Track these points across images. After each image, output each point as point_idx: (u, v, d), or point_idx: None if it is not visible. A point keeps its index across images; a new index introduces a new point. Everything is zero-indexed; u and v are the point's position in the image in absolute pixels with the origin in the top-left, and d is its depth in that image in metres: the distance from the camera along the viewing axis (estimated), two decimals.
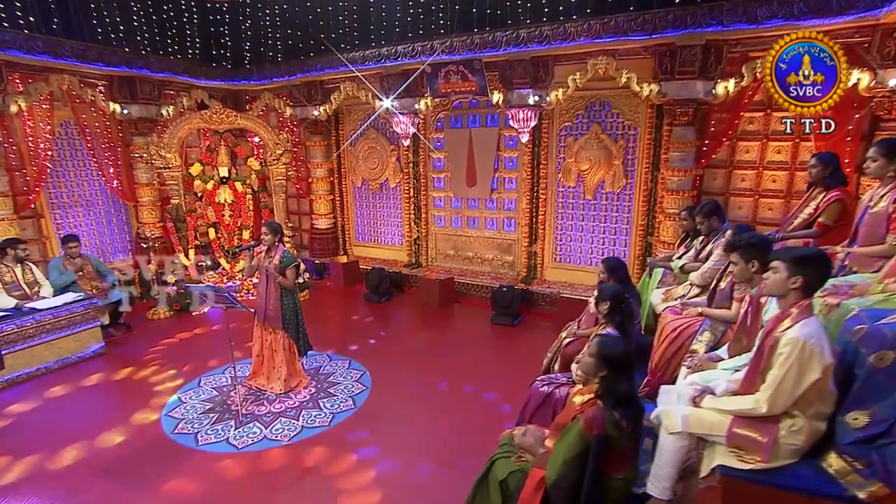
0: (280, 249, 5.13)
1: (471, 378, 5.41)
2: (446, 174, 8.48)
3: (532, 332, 6.82)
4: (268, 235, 5.08)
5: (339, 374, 5.63)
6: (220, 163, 8.75)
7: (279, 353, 5.29)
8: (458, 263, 8.72)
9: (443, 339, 6.59)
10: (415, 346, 6.23)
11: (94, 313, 6.36)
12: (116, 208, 8.49)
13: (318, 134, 9.47)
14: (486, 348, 6.22)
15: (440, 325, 6.94)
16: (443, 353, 6.04)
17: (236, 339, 6.61)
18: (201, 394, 5.31)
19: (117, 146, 8.19)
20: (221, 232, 8.90)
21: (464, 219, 8.49)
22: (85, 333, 6.23)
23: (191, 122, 8.37)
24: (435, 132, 8.63)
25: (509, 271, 8.32)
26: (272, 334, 5.28)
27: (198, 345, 6.41)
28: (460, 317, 7.30)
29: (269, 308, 5.16)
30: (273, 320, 5.19)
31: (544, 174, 7.63)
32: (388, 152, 8.99)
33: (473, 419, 4.66)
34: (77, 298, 6.23)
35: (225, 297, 4.64)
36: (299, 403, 5.05)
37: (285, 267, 5.06)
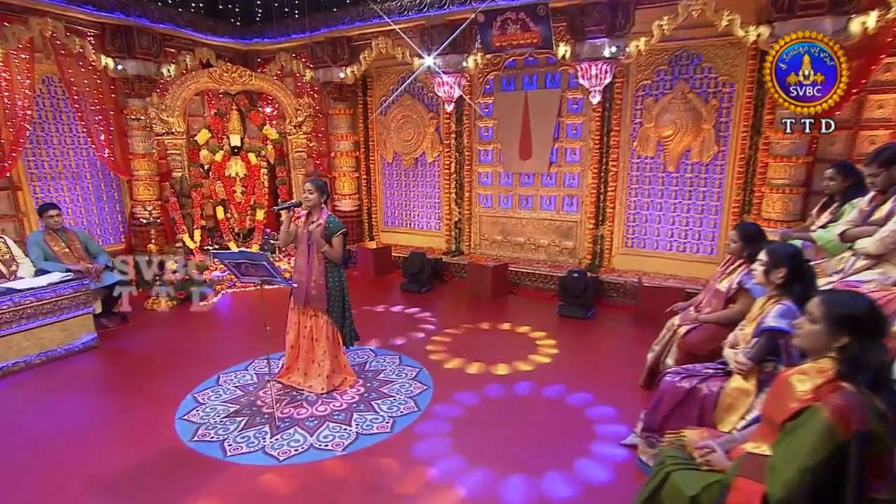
0: (325, 213, 4.50)
1: (551, 377, 4.87)
2: (495, 146, 7.97)
3: (610, 326, 6.25)
4: (312, 193, 4.42)
5: (389, 371, 5.01)
6: (232, 130, 8.12)
7: (321, 343, 4.61)
8: (507, 251, 8.17)
9: (506, 331, 6.05)
10: (474, 340, 5.70)
11: (85, 297, 5.65)
12: (107, 183, 7.99)
13: (343, 101, 8.86)
14: (561, 345, 5.66)
15: (498, 317, 6.44)
16: (511, 349, 5.45)
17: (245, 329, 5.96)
18: (221, 393, 4.63)
19: (109, 109, 7.69)
20: (231, 211, 8.30)
21: (515, 198, 7.95)
22: (74, 321, 5.57)
23: (197, 81, 7.77)
24: (482, 97, 8.01)
25: (569, 259, 7.70)
26: (313, 319, 4.62)
27: (209, 338, 5.97)
28: (520, 309, 6.80)
29: (311, 286, 4.48)
30: (315, 301, 4.54)
31: (615, 143, 6.99)
32: (426, 121, 8.43)
33: (567, 425, 4.11)
34: (65, 278, 5.54)
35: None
36: (347, 405, 4.37)
37: (332, 234, 4.43)
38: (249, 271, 4.07)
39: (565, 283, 6.48)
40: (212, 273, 7.65)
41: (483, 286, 7.20)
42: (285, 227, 4.51)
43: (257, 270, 4.02)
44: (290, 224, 4.55)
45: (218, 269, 7.82)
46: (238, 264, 4.05)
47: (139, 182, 7.87)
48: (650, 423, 3.59)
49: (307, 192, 4.45)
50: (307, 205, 4.49)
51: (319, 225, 4.43)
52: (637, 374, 4.68)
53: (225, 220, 8.14)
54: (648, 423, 3.60)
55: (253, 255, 3.97)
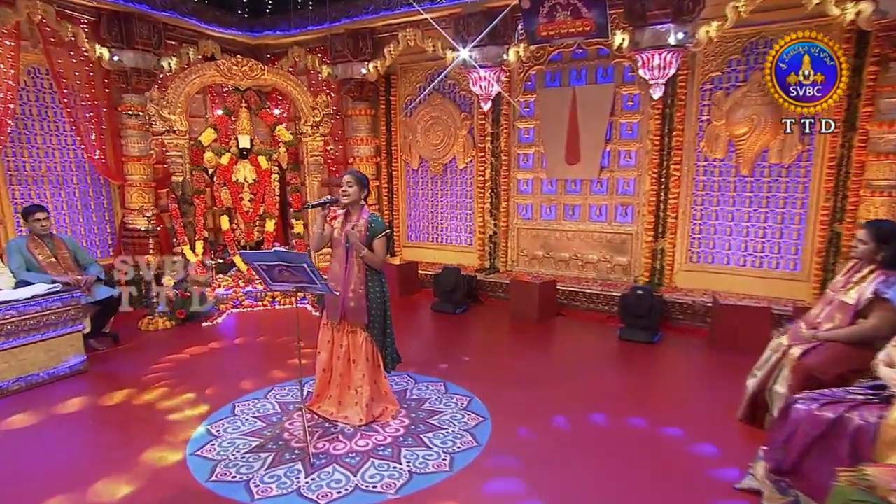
0: (365, 211, 4.18)
1: (628, 409, 4.51)
2: (537, 149, 7.74)
3: (681, 351, 5.89)
4: (352, 187, 4.11)
5: (435, 399, 4.68)
6: (241, 129, 7.79)
7: (359, 366, 4.23)
8: (550, 268, 7.87)
9: (565, 358, 5.75)
10: (529, 366, 5.47)
11: (75, 312, 5.29)
12: (96, 188, 7.71)
13: (364, 100, 8.64)
14: (632, 372, 5.35)
15: (549, 341, 6.22)
16: (575, 376, 5.18)
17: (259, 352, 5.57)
18: (239, 425, 4.24)
19: (102, 105, 7.45)
20: (238, 221, 7.95)
21: (559, 208, 7.69)
22: (61, 341, 5.19)
23: (203, 75, 7.48)
24: (523, 94, 7.75)
25: (622, 277, 7.35)
26: (350, 336, 4.26)
27: (219, 362, 5.65)
28: (572, 332, 6.53)
29: (349, 296, 4.12)
30: (354, 315, 4.19)
31: (678, 144, 6.69)
32: (458, 122, 8.23)
33: (661, 464, 3.72)
34: (51, 290, 5.18)
35: (304, 270, 3.53)
36: (393, 439, 3.97)
37: (374, 236, 4.11)
38: (284, 276, 3.69)
39: (627, 302, 6.09)
40: (215, 290, 7.26)
41: (528, 306, 6.86)
42: (319, 229, 4.17)
43: (294, 275, 3.63)
44: (325, 225, 4.18)
45: (222, 286, 7.44)
46: (270, 267, 3.67)
47: (132, 188, 7.57)
48: (780, 463, 3.16)
49: (346, 186, 4.13)
50: (345, 201, 4.15)
51: (358, 226, 4.07)
52: (731, 405, 4.31)
53: (230, 232, 7.76)
54: (777, 462, 3.17)
55: (291, 255, 3.60)
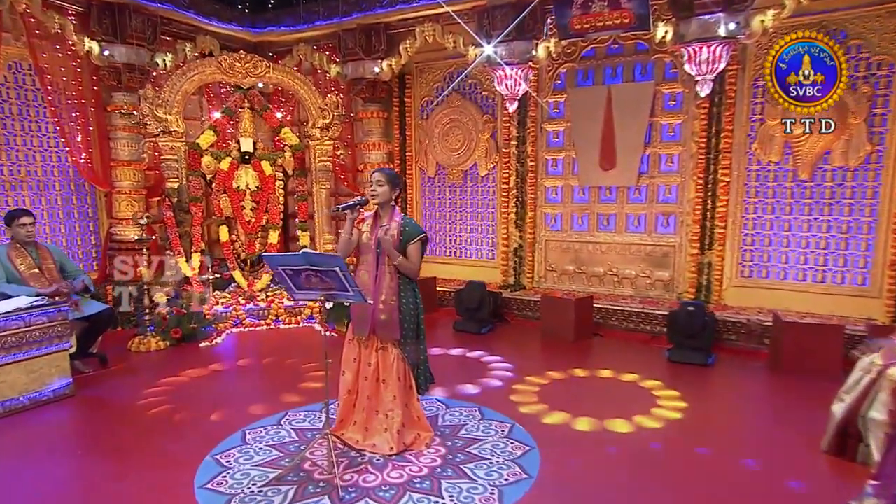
0: (397, 213, 4.04)
1: (692, 438, 4.32)
2: (567, 154, 7.68)
3: (740, 374, 5.70)
4: (382, 186, 3.97)
5: (471, 426, 4.49)
6: (243, 132, 7.64)
7: (389, 387, 4.02)
8: (581, 284, 7.73)
9: (608, 381, 5.56)
10: (569, 390, 5.32)
11: (61, 328, 5.07)
12: (80, 196, 7.56)
13: (376, 102, 8.54)
14: (687, 397, 5.10)
15: (590, 363, 6.02)
16: (623, 402, 5.00)
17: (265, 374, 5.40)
18: (252, 454, 4.04)
19: (90, 105, 7.33)
20: (238, 232, 7.77)
21: (592, 218, 7.60)
22: (45, 361, 4.96)
23: (203, 72, 7.36)
24: (552, 94, 7.67)
25: (663, 293, 7.20)
26: (380, 353, 4.05)
27: (222, 385, 5.51)
28: (613, 353, 6.37)
29: (380, 308, 3.94)
30: (384, 329, 3.98)
31: (727, 146, 6.57)
32: (480, 125, 8.18)
33: (741, 499, 3.50)
34: (35, 304, 4.97)
35: (336, 275, 3.35)
36: (430, 470, 3.76)
37: (408, 240, 3.96)
38: (311, 282, 3.50)
39: (676, 320, 5.90)
40: (213, 307, 7.07)
41: (562, 326, 6.68)
42: (347, 233, 3.98)
43: (324, 281, 3.44)
44: (353, 229, 4.00)
45: (220, 304, 7.25)
46: (296, 273, 3.48)
47: (121, 196, 7.46)
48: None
49: (375, 185, 3.98)
50: (375, 202, 4.01)
51: (390, 229, 3.91)
52: (811, 435, 4.14)
53: (229, 243, 7.59)
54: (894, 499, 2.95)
55: (321, 257, 3.42)
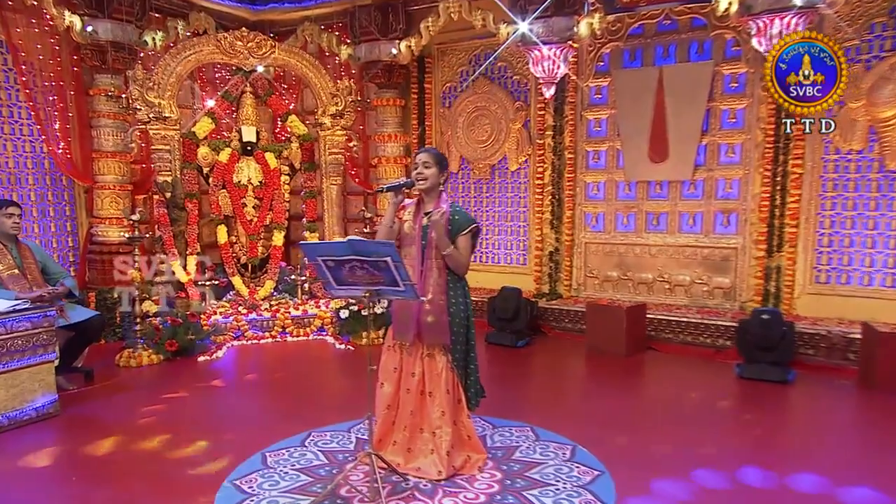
0: (444, 199, 3.88)
1: (791, 464, 4.13)
2: (611, 145, 7.62)
3: (828, 393, 5.54)
4: (429, 168, 3.81)
5: (526, 448, 4.33)
6: (244, 119, 7.58)
7: (436, 400, 3.85)
8: (626, 292, 7.64)
9: (679, 400, 5.45)
10: (632, 409, 5.26)
11: (47, 336, 4.89)
12: (57, 191, 7.45)
13: (392, 88, 8.51)
14: (776, 418, 5.00)
15: (649, 379, 6.06)
16: (699, 422, 4.87)
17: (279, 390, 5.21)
18: (278, 480, 3.88)
19: (69, 88, 7.24)
20: (237, 233, 7.68)
21: (640, 217, 7.53)
22: (27, 374, 4.77)
23: (200, 52, 7.34)
24: (593, 78, 7.59)
25: (724, 302, 7.07)
26: (426, 361, 3.87)
27: (231, 403, 5.40)
28: (674, 368, 6.29)
29: (426, 308, 3.78)
30: (432, 332, 3.82)
31: (799, 133, 6.38)
32: (511, 114, 8.14)
33: None
34: (16, 307, 4.78)
35: (386, 267, 3.19)
36: (488, 497, 3.62)
37: (458, 231, 3.80)
38: (356, 276, 3.33)
39: (748, 331, 5.75)
40: (211, 318, 6.92)
41: (612, 338, 6.53)
42: (388, 221, 3.84)
43: (372, 273, 3.27)
44: (395, 216, 3.86)
45: (219, 312, 7.11)
46: (338, 264, 3.31)
47: (103, 191, 7.32)
48: None
49: (421, 167, 3.82)
50: (421, 187, 3.85)
51: (440, 217, 3.75)
52: None
53: (228, 245, 7.57)
54: None
55: (371, 245, 3.23)
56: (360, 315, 6.97)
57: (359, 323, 6.98)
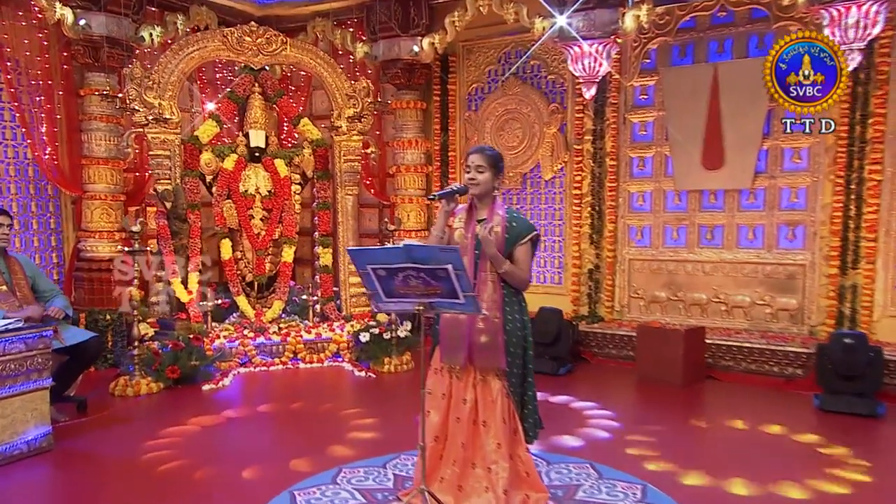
0: (499, 206, 3.80)
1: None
2: (659, 150, 7.57)
3: None
4: (483, 172, 3.72)
5: (591, 487, 4.22)
6: (252, 122, 7.57)
7: (491, 431, 3.72)
8: (677, 314, 7.55)
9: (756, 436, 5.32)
10: (701, 444, 5.24)
11: (43, 360, 4.82)
12: (41, 202, 7.43)
13: (413, 90, 8.53)
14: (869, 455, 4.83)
15: (713, 412, 5.95)
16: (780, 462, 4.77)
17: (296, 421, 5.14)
18: None
19: (58, 87, 7.22)
20: (243, 248, 7.66)
21: (692, 231, 7.47)
22: (18, 403, 4.68)
23: (204, 48, 7.31)
24: (638, 77, 7.53)
25: (790, 326, 6.98)
26: (479, 387, 3.76)
27: (247, 435, 5.36)
28: (742, 400, 6.20)
29: (478, 326, 3.68)
30: (485, 354, 3.71)
31: (879, 135, 6.37)
32: (545, 117, 8.12)
33: None
34: (10, 326, 4.70)
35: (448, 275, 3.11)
36: None
37: (516, 240, 3.72)
38: (410, 286, 3.23)
39: (828, 357, 5.67)
40: (214, 342, 6.84)
41: (667, 365, 6.44)
42: (438, 231, 3.76)
43: (429, 284, 3.18)
44: (445, 224, 3.78)
45: (223, 336, 7.04)
46: (390, 273, 3.20)
47: (93, 202, 7.29)
48: None
49: (474, 171, 3.72)
50: (474, 192, 3.75)
51: (495, 225, 3.67)
52: None
53: (232, 262, 7.54)
54: None
55: (431, 252, 3.15)
56: (381, 339, 6.94)
57: (380, 348, 6.93)
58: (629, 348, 7.04)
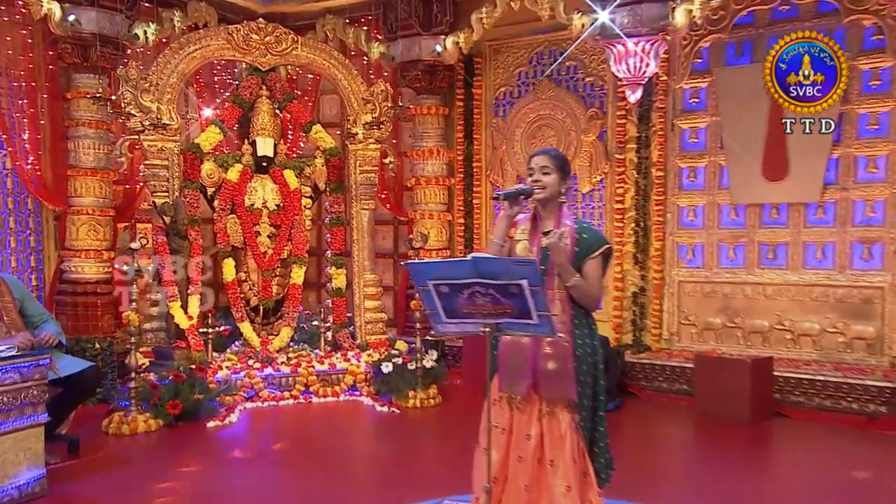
0: (566, 215, 3.74)
1: None
2: (712, 159, 7.55)
3: None
4: (549, 174, 3.63)
5: None
6: (260, 129, 7.56)
7: (560, 472, 3.58)
8: (734, 343, 7.44)
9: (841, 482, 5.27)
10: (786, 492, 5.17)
11: (38, 392, 4.77)
12: (20, 217, 7.43)
13: (433, 94, 8.58)
14: None
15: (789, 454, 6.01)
16: None
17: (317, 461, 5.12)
18: None
19: (41, 90, 7.27)
20: (248, 268, 7.65)
21: (752, 249, 7.42)
22: (10, 441, 4.62)
23: (207, 46, 7.37)
24: (689, 78, 7.55)
25: (866, 357, 6.86)
26: (545, 421, 3.64)
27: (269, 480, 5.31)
28: (816, 441, 6.15)
29: (545, 351, 3.59)
30: (553, 384, 3.61)
31: None
32: (583, 123, 8.15)
33: None
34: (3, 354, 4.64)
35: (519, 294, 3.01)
36: None
37: (587, 253, 3.63)
38: (476, 304, 3.13)
39: None
40: (217, 373, 6.75)
41: (732, 400, 6.33)
42: (499, 239, 3.65)
43: (499, 302, 3.07)
44: (507, 233, 3.71)
45: (226, 366, 6.96)
46: (453, 290, 3.10)
47: (79, 217, 7.26)
48: None
49: (539, 173, 3.65)
50: (539, 196, 3.68)
51: (560, 238, 3.56)
52: None
53: (235, 283, 7.50)
54: None
55: (502, 265, 3.07)
56: (406, 370, 6.88)
57: (404, 380, 6.87)
58: (682, 381, 6.99)
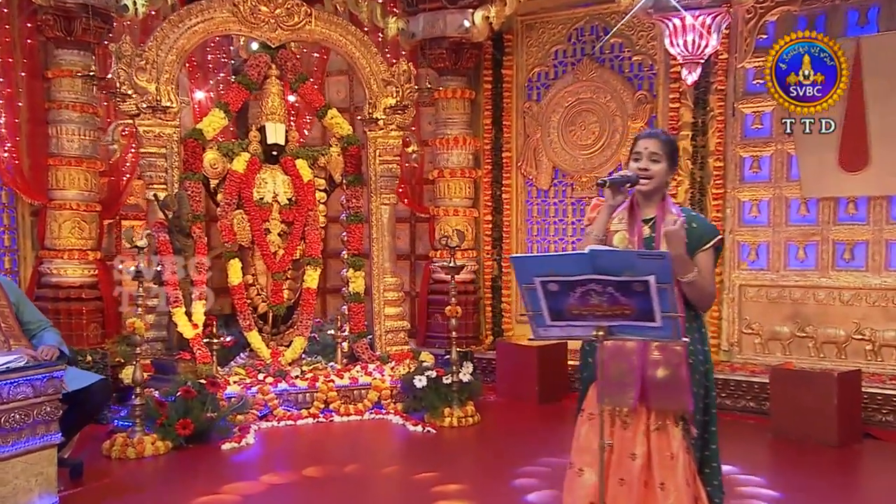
0: (671, 205, 3.77)
1: None
2: (779, 147, 7.68)
3: None
4: (659, 162, 3.67)
5: None
6: (269, 113, 7.59)
7: (670, 498, 3.59)
8: (805, 354, 7.52)
9: None
10: None
11: (50, 410, 4.78)
12: None
13: (459, 76, 8.71)
14: None
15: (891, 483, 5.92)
16: None
17: None
18: None
19: (18, 68, 7.38)
20: (256, 270, 7.68)
21: (825, 249, 7.51)
22: (21, 465, 4.62)
23: (210, 20, 7.33)
24: (752, 55, 7.65)
25: None
26: (653, 437, 3.67)
27: None
28: None
29: (653, 357, 3.64)
30: (664, 394, 3.65)
31: None
32: (630, 108, 8.31)
33: None
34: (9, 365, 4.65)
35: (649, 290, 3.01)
36: None
37: (699, 246, 3.68)
38: (589, 305, 3.13)
39: None
40: (226, 389, 6.75)
41: (816, 419, 6.31)
42: (598, 231, 3.68)
43: (617, 301, 3.10)
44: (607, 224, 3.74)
45: (234, 381, 6.99)
46: (564, 288, 3.11)
47: (62, 212, 7.37)
48: None
49: (646, 160, 3.68)
50: (646, 187, 3.71)
51: (678, 227, 3.59)
52: None
53: (242, 288, 7.55)
54: None
55: (625, 259, 3.11)
56: (441, 384, 6.87)
57: (439, 396, 6.86)
58: (748, 397, 7.03)
